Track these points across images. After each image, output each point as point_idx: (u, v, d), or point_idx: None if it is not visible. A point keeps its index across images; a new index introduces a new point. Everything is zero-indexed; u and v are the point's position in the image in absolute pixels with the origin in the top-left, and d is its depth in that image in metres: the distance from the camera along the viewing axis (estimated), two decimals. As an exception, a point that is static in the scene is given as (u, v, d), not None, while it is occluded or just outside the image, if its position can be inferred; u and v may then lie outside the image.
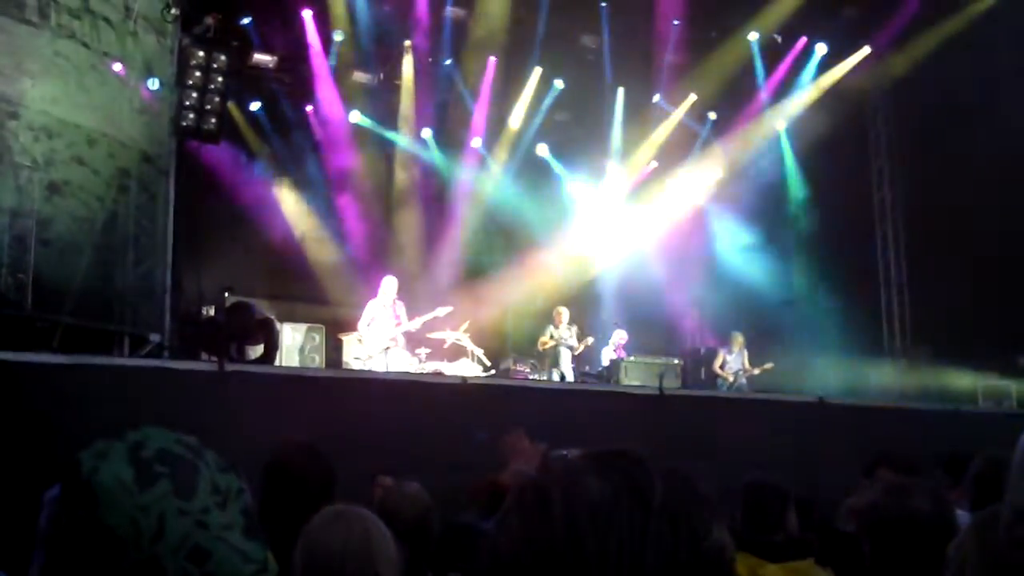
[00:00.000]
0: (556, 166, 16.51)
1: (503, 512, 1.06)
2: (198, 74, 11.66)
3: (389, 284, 11.66)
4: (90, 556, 1.17)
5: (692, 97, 16.29)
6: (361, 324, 11.58)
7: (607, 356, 14.26)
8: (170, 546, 1.17)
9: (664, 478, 1.04)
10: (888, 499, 2.75)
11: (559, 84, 15.77)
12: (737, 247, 16.17)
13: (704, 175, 16.84)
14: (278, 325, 12.26)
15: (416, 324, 11.74)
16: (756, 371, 13.75)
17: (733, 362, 13.92)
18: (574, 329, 13.67)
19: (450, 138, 15.91)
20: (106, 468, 1.20)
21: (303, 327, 13.00)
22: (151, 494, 1.19)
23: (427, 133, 15.75)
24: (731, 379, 13.80)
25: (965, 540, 1.70)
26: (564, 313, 13.69)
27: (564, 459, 1.09)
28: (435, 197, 15.77)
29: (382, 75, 15.33)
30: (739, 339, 14.00)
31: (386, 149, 15.47)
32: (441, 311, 12.02)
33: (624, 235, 16.34)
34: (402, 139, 15.56)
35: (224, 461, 1.28)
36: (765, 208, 16.03)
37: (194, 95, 11.65)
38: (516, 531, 1.02)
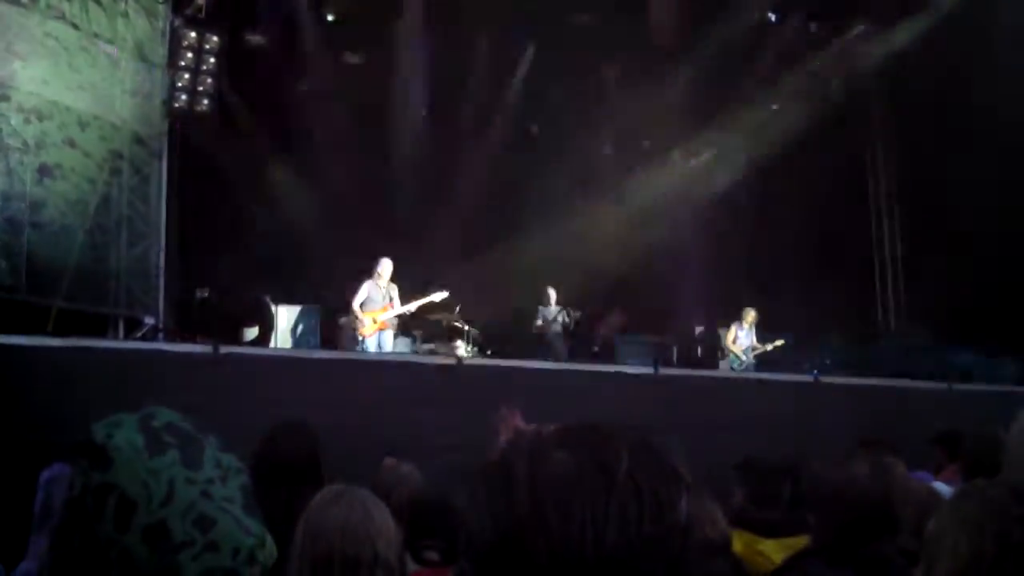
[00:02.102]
0: (548, 144, 16.45)
1: (471, 488, 1.05)
2: (190, 55, 11.63)
3: (386, 265, 11.64)
4: (103, 516, 1.22)
5: (687, 75, 16.23)
6: (354, 302, 11.56)
7: (604, 337, 14.26)
8: (178, 511, 1.23)
9: (631, 452, 1.03)
10: (828, 469, 2.83)
11: (552, 61, 15.70)
12: (733, 227, 16.15)
13: (698, 154, 16.82)
14: (273, 307, 12.24)
15: (411, 307, 11.74)
16: (769, 347, 13.34)
17: (744, 338, 13.47)
18: (563, 309, 13.62)
19: (444, 116, 15.85)
20: (119, 434, 1.26)
21: (298, 309, 12.97)
22: (161, 460, 1.25)
23: (421, 112, 15.67)
24: (742, 356, 13.40)
25: (943, 514, 1.70)
26: (552, 293, 13.67)
27: (531, 434, 1.08)
28: (431, 176, 15.72)
29: (375, 54, 15.24)
30: (751, 314, 13.46)
31: (380, 128, 15.40)
32: (437, 296, 12.01)
33: (619, 214, 16.32)
34: (396, 118, 15.49)
35: (222, 442, 1.34)
36: (760, 188, 16.01)
37: (186, 76, 11.61)
38: (482, 506, 1.02)
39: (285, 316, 12.67)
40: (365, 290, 11.54)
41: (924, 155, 14.25)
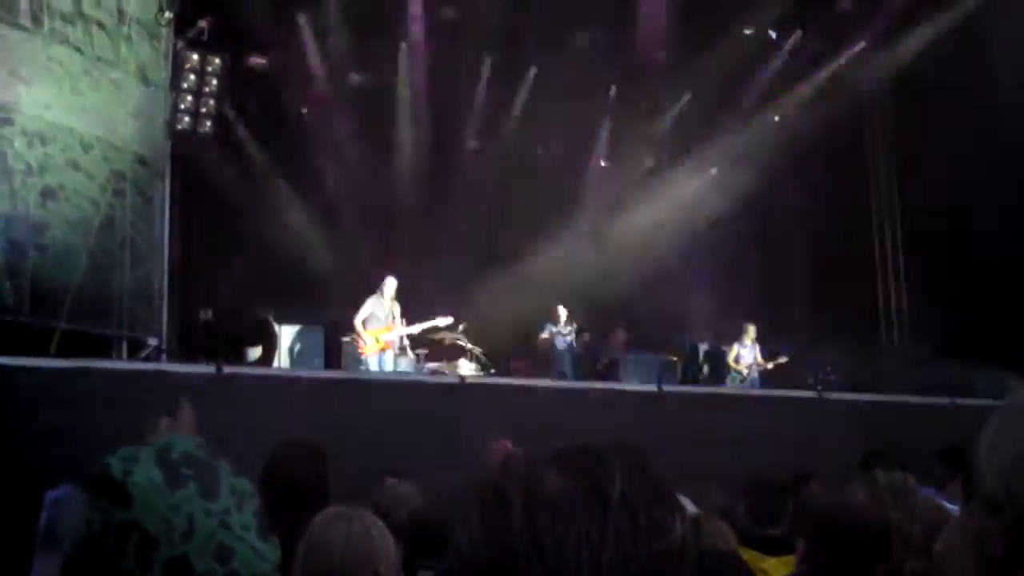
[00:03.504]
0: (550, 163, 16.49)
1: (465, 512, 1.05)
2: (192, 77, 11.69)
3: (389, 283, 11.67)
4: (125, 556, 1.22)
5: (687, 95, 16.29)
6: (357, 320, 11.57)
7: (607, 354, 14.24)
8: (198, 544, 1.23)
9: (625, 475, 1.03)
10: (824, 492, 2.75)
11: (553, 81, 15.76)
12: (734, 243, 16.14)
13: (700, 172, 16.83)
14: (276, 327, 12.25)
15: (415, 330, 11.77)
16: (769, 365, 13.37)
17: (747, 355, 13.50)
18: (572, 326, 13.66)
19: (447, 138, 15.89)
20: (139, 471, 1.26)
21: (301, 328, 12.97)
22: (181, 495, 1.25)
23: (423, 134, 15.72)
24: (745, 372, 13.39)
25: (952, 533, 1.69)
26: (562, 311, 13.69)
27: (524, 458, 1.09)
28: (433, 197, 15.75)
29: (378, 76, 15.31)
30: (752, 331, 13.52)
31: (383, 149, 15.44)
32: (442, 321, 12.05)
33: (621, 232, 16.33)
34: (398, 140, 15.53)
35: (234, 466, 1.36)
36: (761, 204, 16.01)
37: (189, 98, 11.67)
38: (476, 531, 1.02)
39: (288, 336, 12.67)
40: (368, 307, 11.55)
41: (927, 167, 14.26)
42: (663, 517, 1.02)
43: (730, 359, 13.59)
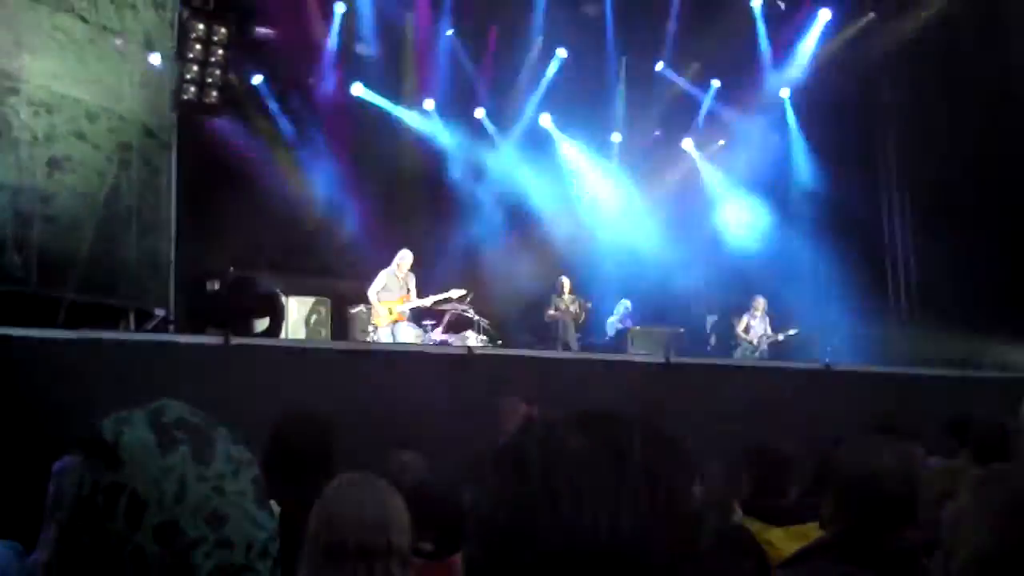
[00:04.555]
0: (559, 136, 16.43)
1: (483, 472, 1.04)
2: (199, 47, 11.59)
3: (404, 256, 11.68)
4: (114, 517, 1.20)
5: (696, 65, 16.18)
6: (371, 291, 11.59)
7: (613, 326, 14.26)
8: (190, 508, 1.22)
9: (644, 439, 1.02)
10: (851, 456, 2.73)
11: (561, 53, 15.67)
12: (741, 216, 16.10)
13: (708, 144, 16.77)
14: (284, 298, 12.26)
15: (427, 302, 11.81)
16: (780, 337, 13.39)
17: (757, 326, 13.52)
18: (577, 298, 13.67)
19: (453, 109, 15.82)
20: (130, 432, 1.24)
21: (309, 300, 12.97)
22: (172, 457, 1.23)
23: (430, 105, 15.67)
24: (755, 343, 13.41)
25: (963, 501, 1.68)
26: (567, 282, 13.68)
27: (544, 418, 1.07)
28: (440, 169, 15.72)
29: (384, 47, 15.21)
30: (761, 303, 13.54)
31: (390, 121, 15.38)
32: (455, 293, 12.09)
33: (628, 204, 16.29)
34: (405, 111, 15.48)
35: (233, 434, 1.32)
36: (769, 177, 15.95)
37: (195, 68, 11.59)
38: (494, 491, 1.01)
39: (296, 307, 12.69)
40: (382, 279, 11.59)
41: (936, 142, 14.15)
42: (683, 484, 1.01)
43: (739, 330, 13.58)
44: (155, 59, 10.93)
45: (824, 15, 15.52)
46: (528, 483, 0.99)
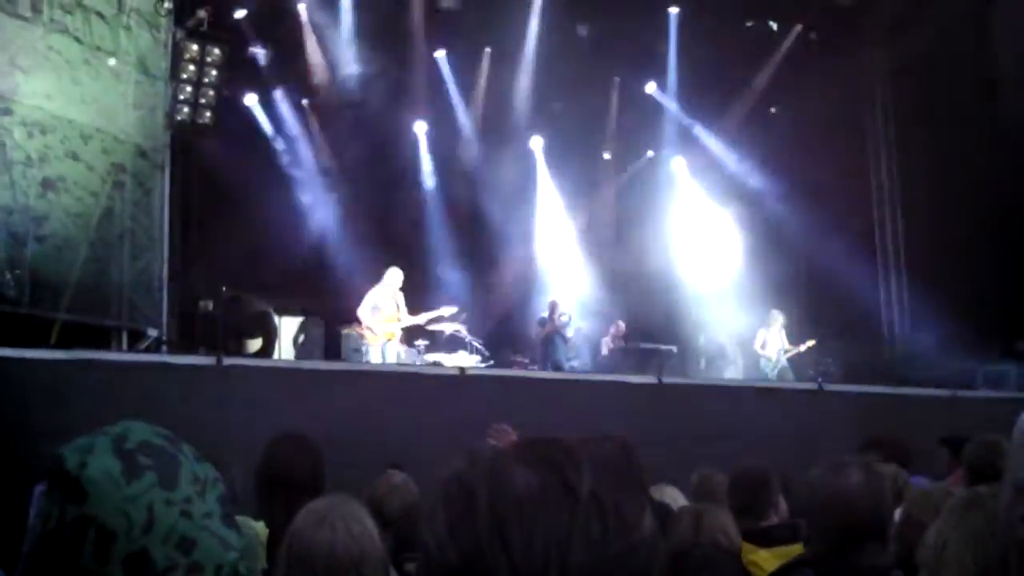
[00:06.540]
0: (548, 159, 16.48)
1: (431, 506, 1.02)
2: (192, 68, 11.62)
3: (394, 275, 11.66)
4: (82, 553, 1.18)
5: (687, 85, 16.25)
6: (362, 311, 11.55)
7: (606, 346, 14.26)
8: (159, 536, 1.20)
9: (594, 467, 0.99)
10: (821, 476, 2.78)
11: (554, 74, 15.72)
12: (735, 233, 16.13)
13: (700, 163, 16.82)
14: (276, 318, 12.25)
15: (421, 320, 11.79)
16: (802, 348, 13.26)
17: (773, 341, 13.36)
18: (570, 318, 13.67)
19: (447, 129, 15.87)
20: (94, 462, 1.22)
21: (301, 320, 12.97)
22: (138, 486, 1.21)
23: (423, 125, 15.70)
24: (774, 358, 13.25)
25: (945, 522, 1.69)
26: (558, 302, 13.70)
27: (491, 451, 1.04)
28: (433, 188, 15.76)
29: (378, 66, 15.26)
30: (778, 317, 13.38)
31: (384, 140, 15.42)
32: (446, 311, 12.07)
33: (622, 223, 16.33)
34: (399, 130, 15.51)
35: (197, 451, 1.31)
36: (761, 193, 16.00)
37: (188, 89, 11.61)
38: (442, 526, 0.98)
39: (288, 327, 12.68)
40: (373, 298, 11.55)
41: (928, 160, 14.23)
42: (633, 514, 0.99)
43: (756, 345, 13.51)
44: (149, 80, 10.95)
45: (815, 35, 15.60)
46: (476, 519, 0.96)
